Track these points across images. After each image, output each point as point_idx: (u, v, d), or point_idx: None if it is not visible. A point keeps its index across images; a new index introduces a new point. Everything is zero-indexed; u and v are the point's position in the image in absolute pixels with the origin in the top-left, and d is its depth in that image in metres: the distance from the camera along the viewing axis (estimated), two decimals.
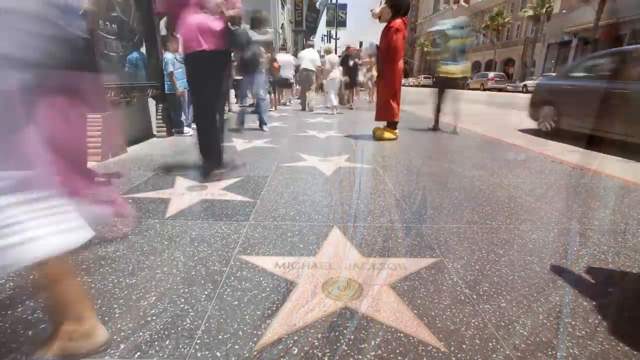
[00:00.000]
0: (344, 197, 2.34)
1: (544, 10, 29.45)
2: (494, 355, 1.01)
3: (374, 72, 7.96)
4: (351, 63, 9.01)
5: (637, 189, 2.65)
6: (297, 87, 9.63)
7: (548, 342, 1.06)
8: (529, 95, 6.29)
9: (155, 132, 4.55)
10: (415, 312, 1.20)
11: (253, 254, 1.57)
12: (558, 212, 2.13)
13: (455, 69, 5.03)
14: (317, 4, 28.07)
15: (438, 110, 5.42)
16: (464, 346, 1.04)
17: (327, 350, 1.02)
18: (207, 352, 1.01)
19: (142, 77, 4.16)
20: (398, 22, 4.21)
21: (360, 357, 1.00)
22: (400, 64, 4.43)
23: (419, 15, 62.17)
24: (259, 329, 1.10)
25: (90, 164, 3.05)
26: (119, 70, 3.74)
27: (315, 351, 1.02)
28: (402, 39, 4.29)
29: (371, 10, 4.48)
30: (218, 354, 1.00)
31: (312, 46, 9.46)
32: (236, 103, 6.05)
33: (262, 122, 5.28)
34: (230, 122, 5.41)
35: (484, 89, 25.35)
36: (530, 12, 30.48)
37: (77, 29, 1.04)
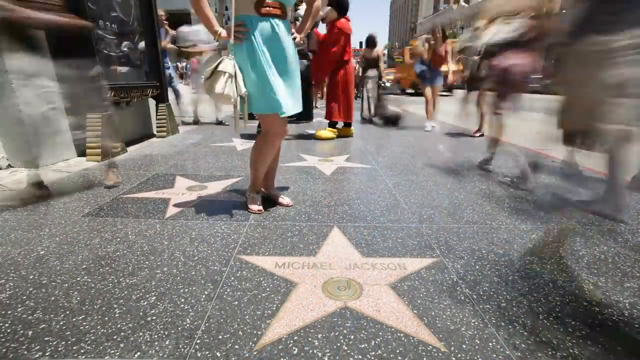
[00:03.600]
0: (344, 197, 2.34)
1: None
2: (494, 355, 1.01)
3: None
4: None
5: None
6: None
7: (548, 342, 1.06)
8: None
9: (155, 132, 4.55)
10: (415, 312, 1.20)
11: (253, 254, 1.57)
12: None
13: None
14: None
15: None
16: (464, 346, 1.05)
17: (327, 350, 1.02)
18: (207, 352, 1.01)
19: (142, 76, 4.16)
20: (342, 21, 4.23)
21: (360, 357, 1.00)
22: (349, 65, 4.48)
23: (419, 16, 62.14)
24: (259, 329, 1.10)
25: (90, 164, 3.06)
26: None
27: (315, 351, 1.02)
28: (348, 38, 4.32)
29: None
30: (218, 354, 1.00)
31: None
32: None
33: None
34: None
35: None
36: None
37: None
